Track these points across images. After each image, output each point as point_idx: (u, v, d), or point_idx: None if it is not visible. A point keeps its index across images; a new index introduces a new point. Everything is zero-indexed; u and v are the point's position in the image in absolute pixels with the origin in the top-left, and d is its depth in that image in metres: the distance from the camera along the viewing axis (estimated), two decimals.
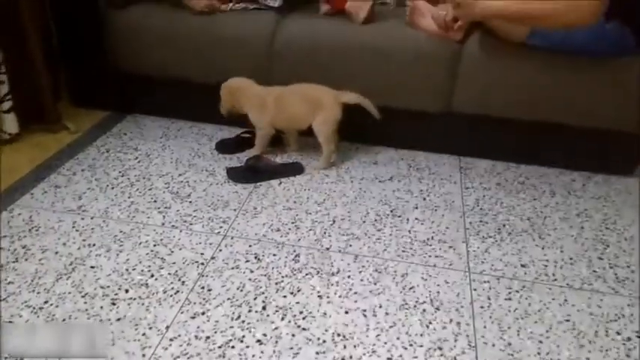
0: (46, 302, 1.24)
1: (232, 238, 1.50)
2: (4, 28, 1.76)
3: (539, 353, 1.18)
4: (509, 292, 1.35)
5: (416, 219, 1.62)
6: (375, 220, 1.61)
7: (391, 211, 1.65)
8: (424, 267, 1.42)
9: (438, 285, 1.36)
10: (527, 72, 1.77)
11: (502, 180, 1.84)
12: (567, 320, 1.27)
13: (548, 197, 1.76)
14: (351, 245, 1.49)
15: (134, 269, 1.36)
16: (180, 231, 1.51)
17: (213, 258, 1.42)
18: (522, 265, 1.44)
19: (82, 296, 1.26)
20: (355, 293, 1.32)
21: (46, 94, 1.93)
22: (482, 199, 1.73)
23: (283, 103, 1.81)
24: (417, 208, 1.68)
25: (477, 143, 1.96)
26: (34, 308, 1.22)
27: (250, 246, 1.47)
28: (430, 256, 1.46)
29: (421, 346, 1.18)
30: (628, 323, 1.27)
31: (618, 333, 1.24)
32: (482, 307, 1.30)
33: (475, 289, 1.35)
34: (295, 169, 1.85)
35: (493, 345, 1.19)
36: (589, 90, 1.75)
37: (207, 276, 1.35)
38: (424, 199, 1.72)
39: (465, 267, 1.43)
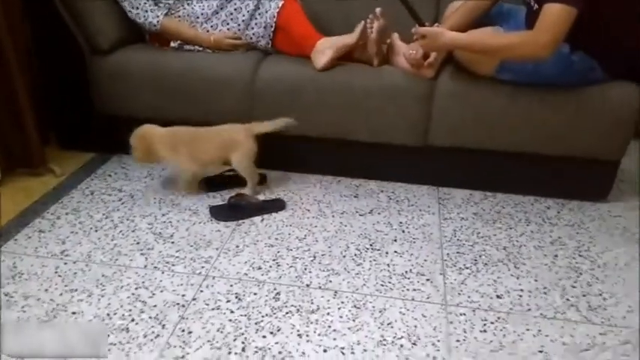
0: None
1: (214, 278, 1.52)
2: None
3: None
4: (485, 324, 1.37)
5: (395, 252, 1.66)
6: (355, 255, 1.64)
7: (371, 245, 1.69)
8: (402, 301, 1.45)
9: (416, 319, 1.39)
10: (499, 105, 1.83)
11: (479, 209, 1.89)
12: (541, 351, 1.29)
13: (523, 226, 1.80)
14: (331, 281, 1.52)
15: (115, 314, 1.38)
16: (162, 272, 1.54)
17: (194, 299, 1.44)
18: (498, 296, 1.47)
19: None
20: (334, 331, 1.35)
21: (32, 138, 1.96)
22: (460, 230, 1.77)
23: (196, 148, 1.87)
24: (395, 240, 1.71)
25: (455, 174, 2.01)
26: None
27: (231, 285, 1.49)
28: (408, 290, 1.49)
29: None
30: (599, 352, 1.29)
31: None
32: (458, 341, 1.32)
33: (451, 322, 1.38)
34: (277, 206, 1.88)
35: None
36: (559, 119, 1.82)
37: (187, 318, 1.37)
38: (403, 231, 1.76)
39: (442, 300, 1.46)
